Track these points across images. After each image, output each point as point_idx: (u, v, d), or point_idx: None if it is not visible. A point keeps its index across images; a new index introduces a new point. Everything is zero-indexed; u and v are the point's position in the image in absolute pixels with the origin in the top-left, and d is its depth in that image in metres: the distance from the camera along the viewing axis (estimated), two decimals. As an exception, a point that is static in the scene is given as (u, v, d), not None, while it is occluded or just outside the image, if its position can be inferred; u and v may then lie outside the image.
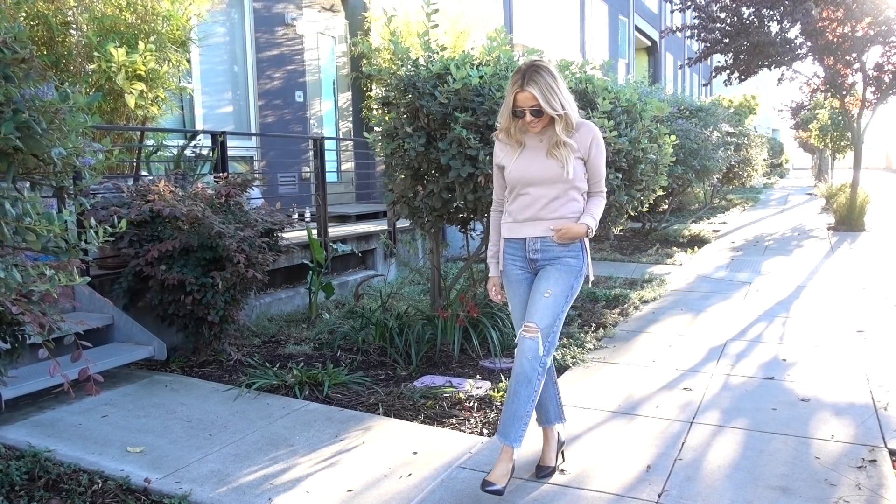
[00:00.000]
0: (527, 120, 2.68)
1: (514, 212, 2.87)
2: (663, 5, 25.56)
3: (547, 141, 2.75)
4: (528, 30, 14.79)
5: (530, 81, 2.62)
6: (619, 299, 6.31)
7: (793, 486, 2.79)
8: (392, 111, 4.54)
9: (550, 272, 2.80)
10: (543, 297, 2.75)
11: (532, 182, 2.76)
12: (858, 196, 11.89)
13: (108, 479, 2.93)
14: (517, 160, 2.80)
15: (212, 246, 4.32)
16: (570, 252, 2.81)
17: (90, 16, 5.39)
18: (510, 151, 2.83)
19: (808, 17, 10.83)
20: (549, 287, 2.76)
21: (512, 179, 2.81)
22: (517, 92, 2.66)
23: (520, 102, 2.67)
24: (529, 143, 2.80)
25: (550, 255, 2.81)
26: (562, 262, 2.80)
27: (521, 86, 2.64)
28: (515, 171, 2.79)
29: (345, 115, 10.33)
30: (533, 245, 2.83)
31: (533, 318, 2.72)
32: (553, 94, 2.64)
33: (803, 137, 26.58)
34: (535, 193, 2.77)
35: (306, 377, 4.07)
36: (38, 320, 2.16)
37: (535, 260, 2.84)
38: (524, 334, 2.73)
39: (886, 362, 4.40)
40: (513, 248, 2.90)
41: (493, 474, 2.64)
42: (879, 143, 45.87)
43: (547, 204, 2.77)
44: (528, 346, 2.69)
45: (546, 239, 2.80)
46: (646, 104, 4.92)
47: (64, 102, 2.14)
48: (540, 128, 2.72)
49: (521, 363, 2.70)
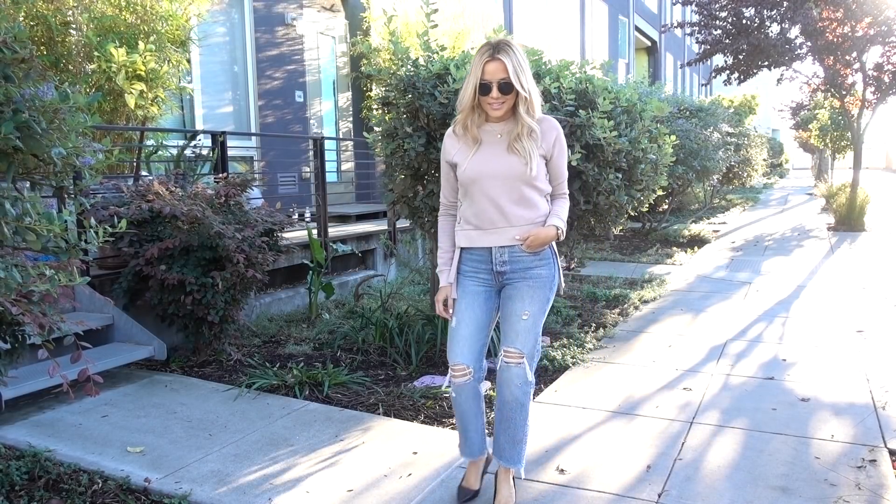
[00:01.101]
0: (493, 96, 2.44)
1: (472, 217, 2.58)
2: (663, 5, 25.57)
3: (507, 136, 2.52)
4: (528, 30, 14.79)
5: (502, 51, 2.42)
6: (619, 299, 6.31)
7: (793, 486, 2.79)
8: (392, 111, 4.54)
9: (523, 290, 2.56)
10: (522, 320, 2.53)
11: (492, 181, 2.50)
12: (858, 196, 11.89)
13: (108, 478, 2.93)
14: (474, 157, 2.54)
15: (212, 246, 4.32)
16: (541, 262, 2.58)
17: (90, 16, 5.39)
18: (465, 148, 2.56)
19: (808, 18, 10.83)
20: (526, 308, 2.54)
21: (467, 178, 2.53)
22: (487, 62, 2.43)
23: (488, 74, 2.43)
24: (487, 140, 2.55)
25: (520, 267, 2.57)
26: (533, 276, 2.57)
27: (492, 55, 2.42)
28: (471, 169, 2.52)
29: (345, 115, 10.33)
30: (500, 256, 2.57)
31: (515, 344, 2.52)
32: (523, 73, 2.44)
33: (803, 137, 26.58)
34: (493, 194, 2.51)
35: (306, 377, 4.07)
36: (38, 320, 2.16)
37: (503, 273, 2.58)
38: (508, 362, 2.54)
39: (886, 362, 4.40)
40: (475, 259, 2.61)
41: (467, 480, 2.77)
42: (879, 143, 45.86)
43: (510, 208, 2.52)
44: (515, 374, 2.53)
45: (514, 248, 2.55)
46: (646, 104, 4.91)
47: (64, 102, 2.14)
48: (503, 111, 2.48)
49: (511, 391, 2.55)
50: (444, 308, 2.65)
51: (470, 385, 2.62)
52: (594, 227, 5.05)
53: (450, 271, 2.66)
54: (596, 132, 4.22)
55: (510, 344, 2.54)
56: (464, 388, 2.62)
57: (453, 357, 2.60)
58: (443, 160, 2.66)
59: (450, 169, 2.64)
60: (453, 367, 2.61)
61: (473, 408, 2.67)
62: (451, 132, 2.63)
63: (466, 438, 2.74)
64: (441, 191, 2.72)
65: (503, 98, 2.46)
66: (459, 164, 2.56)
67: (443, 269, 2.70)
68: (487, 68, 2.44)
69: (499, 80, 2.43)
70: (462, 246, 2.63)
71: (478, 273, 2.61)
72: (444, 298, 2.65)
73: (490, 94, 2.45)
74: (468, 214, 2.60)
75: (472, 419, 2.69)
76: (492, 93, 2.44)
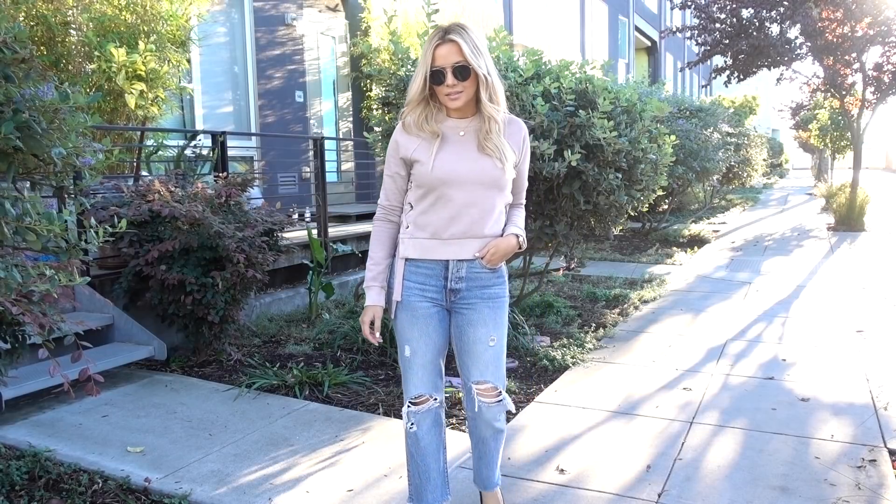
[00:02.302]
0: (448, 84, 2.10)
1: (429, 225, 2.21)
2: (663, 5, 25.57)
3: (474, 134, 2.19)
4: (528, 30, 14.80)
5: (454, 32, 2.10)
6: (618, 299, 6.31)
7: (792, 485, 2.79)
8: (392, 111, 4.54)
9: (483, 312, 2.25)
10: (489, 347, 2.24)
11: (461, 185, 2.16)
12: (858, 196, 11.89)
13: (109, 478, 2.93)
14: (439, 154, 2.17)
15: (212, 246, 4.32)
16: (498, 279, 2.29)
17: (90, 16, 5.39)
18: (425, 144, 2.19)
19: (807, 18, 10.83)
20: (491, 332, 2.24)
21: (434, 179, 2.16)
22: (437, 45, 2.11)
23: (440, 59, 2.10)
24: (450, 136, 2.20)
25: (477, 285, 2.25)
26: (492, 295, 2.27)
27: (443, 37, 2.10)
28: (440, 169, 2.15)
29: (345, 115, 10.33)
30: (457, 271, 2.23)
31: (486, 377, 2.25)
32: (480, 55, 2.11)
33: (803, 137, 26.59)
34: (461, 201, 2.17)
35: (306, 377, 4.08)
36: (38, 320, 2.16)
37: (457, 291, 2.25)
38: (485, 400, 2.25)
39: (886, 362, 4.40)
40: (424, 273, 2.24)
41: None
42: (879, 143, 45.86)
43: (480, 217, 2.19)
44: (497, 412, 2.29)
45: (473, 263, 2.23)
46: (646, 104, 4.91)
47: (64, 102, 2.14)
48: (462, 101, 2.14)
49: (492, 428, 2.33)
50: (370, 330, 2.28)
51: (433, 412, 2.31)
52: (594, 227, 5.05)
53: (380, 288, 2.30)
54: (596, 132, 4.22)
55: (481, 377, 2.25)
56: (426, 415, 2.30)
57: (413, 389, 2.28)
58: (392, 157, 2.27)
59: (402, 167, 2.26)
60: (414, 399, 2.28)
61: (435, 440, 2.34)
62: (400, 128, 2.25)
63: (427, 481, 2.34)
64: (383, 192, 2.33)
65: (460, 85, 2.11)
66: (421, 161, 2.18)
67: (371, 285, 2.29)
68: (438, 52, 2.11)
69: (453, 65, 2.09)
70: (409, 257, 2.24)
71: (425, 290, 2.25)
72: (371, 320, 2.27)
73: (445, 81, 2.11)
74: (423, 221, 2.22)
75: (434, 454, 2.34)
76: (447, 80, 2.10)
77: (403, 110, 2.24)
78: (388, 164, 2.30)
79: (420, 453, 2.32)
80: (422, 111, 2.19)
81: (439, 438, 2.36)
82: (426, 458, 2.32)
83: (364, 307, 2.30)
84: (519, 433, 3.37)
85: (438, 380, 2.32)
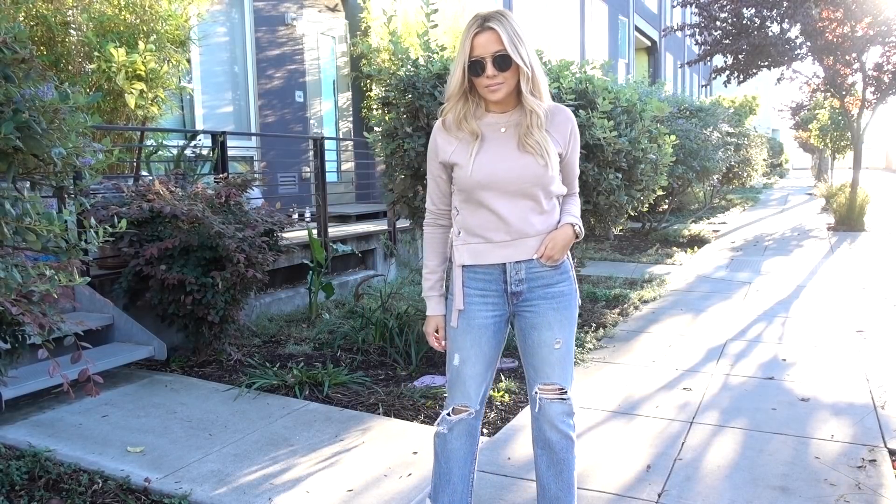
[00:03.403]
0: (488, 75, 1.99)
1: (478, 228, 2.13)
2: (663, 5, 25.57)
3: (514, 129, 2.09)
4: (528, 30, 14.78)
5: (493, 20, 1.99)
6: (619, 299, 6.31)
7: (792, 485, 2.79)
8: (392, 111, 4.54)
9: (547, 314, 2.17)
10: (555, 350, 2.17)
11: (503, 186, 2.07)
12: (858, 196, 11.90)
13: (109, 478, 2.93)
14: (478, 155, 2.08)
15: (212, 246, 4.32)
16: (562, 276, 2.19)
17: (90, 16, 5.39)
18: (463, 145, 2.11)
19: (808, 18, 10.84)
20: (556, 334, 2.16)
21: (473, 183, 2.08)
22: (476, 34, 1.99)
23: (479, 49, 1.98)
24: (490, 135, 2.10)
25: (539, 284, 2.16)
26: (556, 294, 2.18)
27: (482, 25, 1.99)
28: (479, 172, 2.07)
29: (345, 115, 10.33)
30: (516, 274, 2.14)
31: (552, 379, 2.18)
32: (522, 44, 2.00)
33: (803, 137, 26.60)
34: (507, 202, 2.09)
35: (306, 377, 4.08)
36: (38, 321, 2.16)
37: (519, 293, 2.17)
38: (548, 398, 2.19)
39: (886, 362, 4.40)
40: (483, 279, 2.16)
41: None
42: (879, 143, 45.88)
43: (527, 216, 2.11)
44: (560, 409, 2.20)
45: (532, 263, 2.14)
46: (646, 104, 4.92)
47: (64, 102, 2.14)
48: (503, 93, 2.03)
49: (557, 430, 2.21)
50: (436, 338, 2.26)
51: (467, 422, 2.23)
52: (594, 227, 5.05)
53: (441, 297, 2.25)
54: (596, 132, 4.22)
55: (546, 379, 2.18)
56: (460, 423, 2.23)
57: (458, 399, 2.21)
58: (432, 160, 2.20)
59: (442, 170, 2.19)
60: (456, 408, 2.22)
61: (463, 447, 2.25)
62: (441, 127, 2.17)
63: (447, 484, 2.26)
64: (428, 196, 2.27)
65: (500, 76, 2.00)
66: (460, 164, 2.10)
67: (431, 295, 2.25)
68: (477, 41, 1.99)
69: (493, 54, 1.98)
70: (465, 263, 2.16)
71: (486, 297, 2.17)
72: (435, 330, 2.26)
73: (484, 72, 2.00)
74: (472, 225, 2.14)
75: (459, 460, 2.25)
76: (486, 71, 1.99)
77: (444, 106, 2.14)
78: (429, 165, 2.23)
79: (444, 455, 2.26)
80: (462, 107, 2.09)
81: (468, 447, 2.27)
82: (449, 462, 2.25)
83: (426, 317, 2.26)
84: (519, 433, 3.37)
85: (483, 395, 2.25)
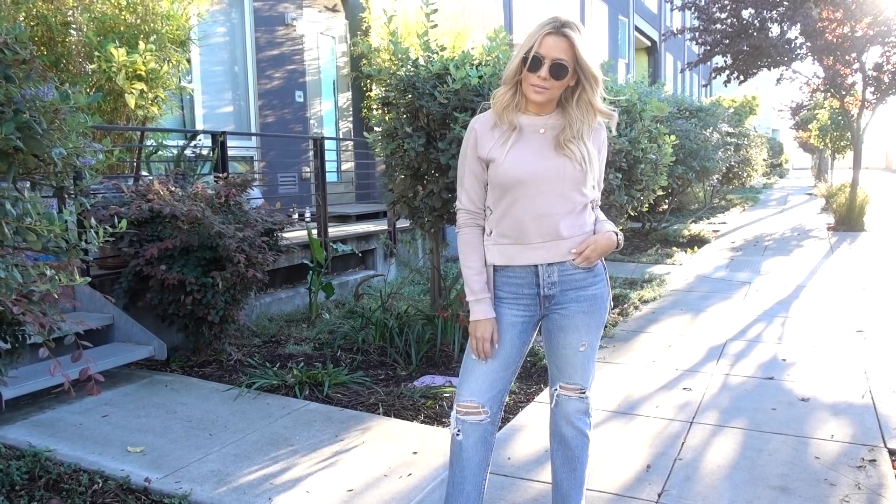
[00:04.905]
0: (540, 75, 1.96)
1: (510, 230, 2.09)
2: (663, 6, 25.57)
3: (552, 130, 2.06)
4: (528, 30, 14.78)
5: (570, 27, 1.96)
6: (618, 299, 6.31)
7: (792, 485, 2.79)
8: (392, 111, 4.54)
9: (577, 317, 2.13)
10: (579, 352, 2.15)
11: (539, 185, 2.03)
12: (858, 196, 11.90)
13: (109, 478, 2.93)
14: (514, 151, 2.04)
15: (212, 246, 4.32)
16: (595, 278, 2.14)
17: (90, 16, 5.39)
18: (500, 141, 2.06)
19: (807, 18, 10.84)
20: (583, 338, 2.14)
21: (507, 179, 2.03)
22: (548, 33, 1.96)
23: (544, 48, 1.95)
24: (528, 133, 2.06)
25: (572, 287, 2.11)
26: (587, 297, 2.13)
27: (556, 28, 1.96)
28: (514, 168, 2.02)
29: (345, 115, 10.34)
30: (549, 276, 2.10)
31: (574, 379, 2.18)
32: (584, 61, 1.98)
33: (803, 137, 26.59)
34: (542, 202, 2.04)
35: (306, 377, 4.08)
36: (38, 320, 2.16)
37: (551, 297, 2.12)
38: (567, 395, 2.20)
39: (886, 362, 4.40)
40: (516, 282, 2.12)
41: None
42: (879, 143, 45.87)
43: (562, 218, 2.06)
44: (577, 406, 2.21)
45: (565, 265, 2.09)
46: (645, 104, 4.92)
47: (64, 102, 2.14)
48: (543, 99, 2.01)
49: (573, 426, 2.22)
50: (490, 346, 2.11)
51: (484, 427, 2.15)
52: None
53: (490, 299, 2.12)
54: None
55: (568, 379, 2.19)
56: (476, 428, 2.14)
57: (468, 393, 2.13)
58: (471, 154, 2.11)
59: (479, 166, 2.10)
60: (464, 404, 2.13)
61: (479, 456, 2.19)
62: (483, 119, 2.11)
63: (460, 493, 2.20)
64: (465, 194, 2.16)
65: (550, 82, 1.98)
66: (495, 159, 2.04)
67: (482, 298, 2.11)
68: (547, 41, 1.96)
69: (554, 59, 1.95)
70: (497, 264, 2.12)
71: (518, 299, 2.12)
72: (490, 335, 2.10)
73: (538, 71, 1.96)
74: (505, 225, 2.09)
75: (474, 469, 2.19)
76: (540, 71, 1.96)
77: (496, 91, 2.09)
78: (467, 162, 2.14)
79: (459, 464, 2.20)
80: (511, 97, 2.05)
81: (483, 455, 2.21)
82: (464, 470, 2.20)
83: (476, 321, 2.11)
84: (519, 433, 3.37)
85: (499, 395, 2.16)
